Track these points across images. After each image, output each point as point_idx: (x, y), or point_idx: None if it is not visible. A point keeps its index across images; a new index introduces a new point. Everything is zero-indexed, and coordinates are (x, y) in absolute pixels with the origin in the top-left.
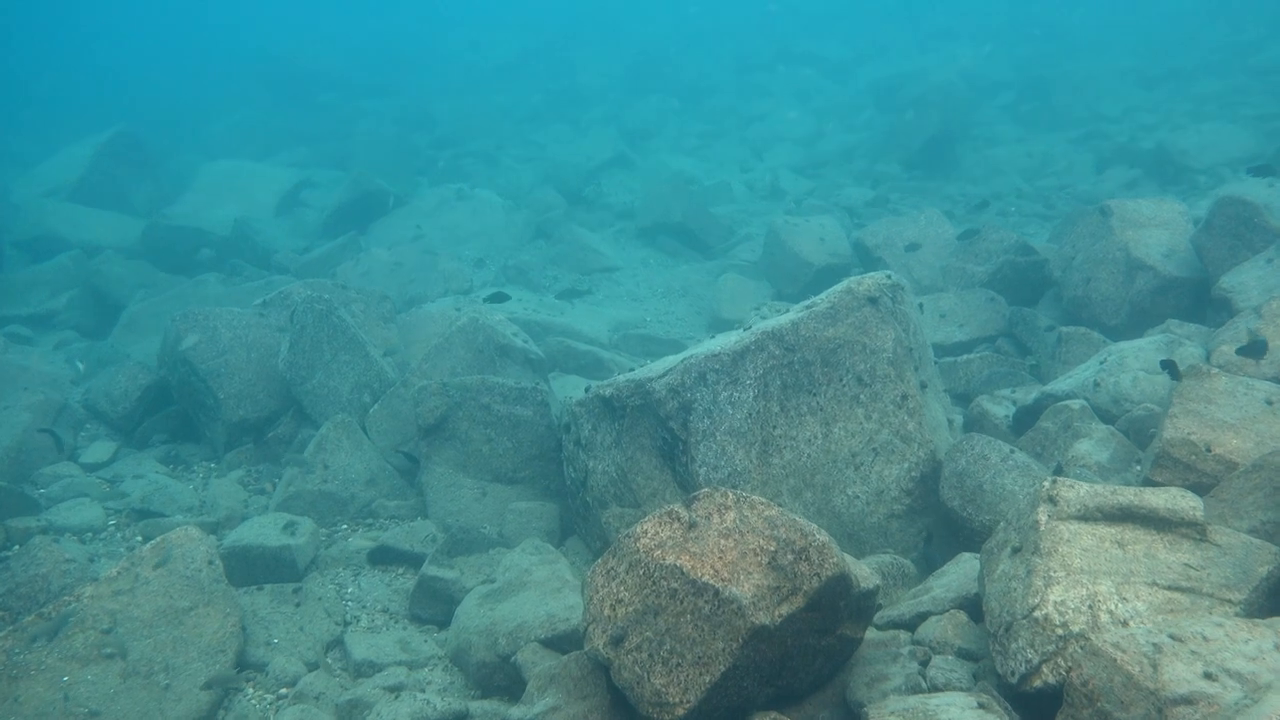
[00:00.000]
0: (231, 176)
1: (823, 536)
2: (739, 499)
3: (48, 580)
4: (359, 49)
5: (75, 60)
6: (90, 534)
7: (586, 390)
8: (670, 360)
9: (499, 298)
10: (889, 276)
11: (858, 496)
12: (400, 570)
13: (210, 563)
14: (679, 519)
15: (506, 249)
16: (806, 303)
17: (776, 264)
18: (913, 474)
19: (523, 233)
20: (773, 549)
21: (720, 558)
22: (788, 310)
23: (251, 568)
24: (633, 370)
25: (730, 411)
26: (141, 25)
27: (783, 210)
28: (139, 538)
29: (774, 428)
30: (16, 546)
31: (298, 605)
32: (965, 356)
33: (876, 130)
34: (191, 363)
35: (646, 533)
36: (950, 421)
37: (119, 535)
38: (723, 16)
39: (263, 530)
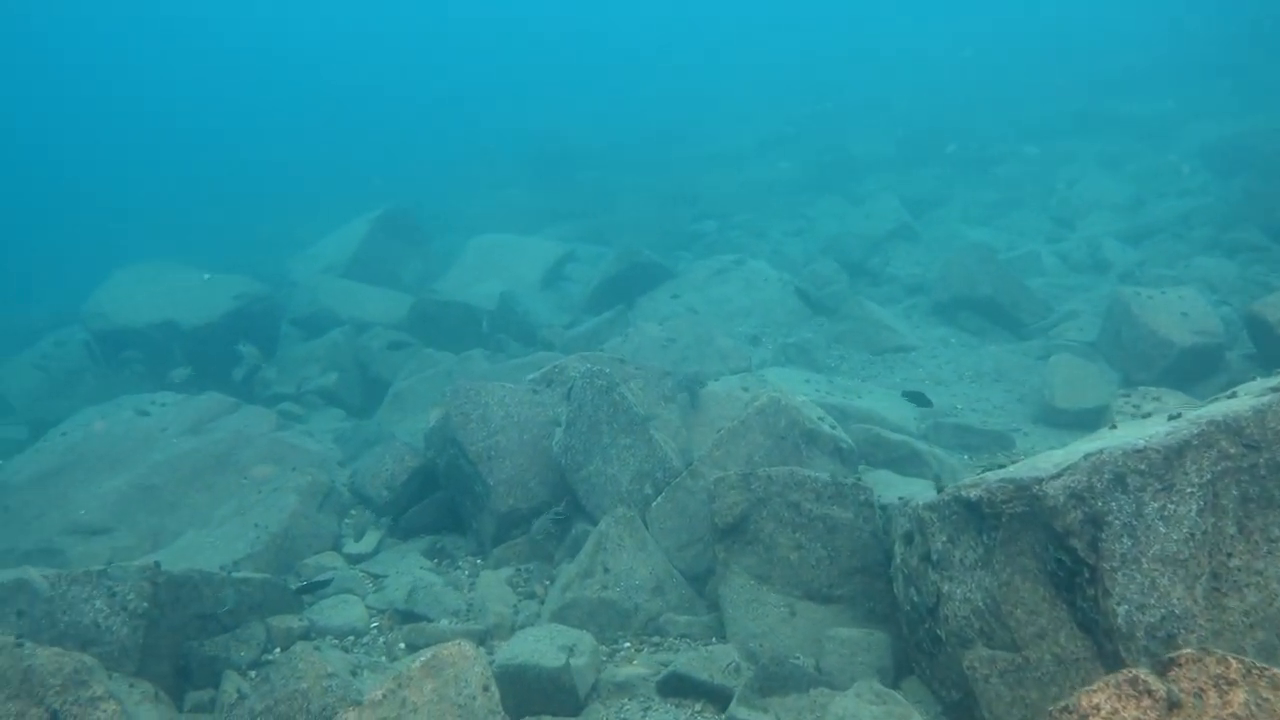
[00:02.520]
0: (497, 250)
1: None
2: (1248, 669)
3: (308, 699)
4: (618, 127)
5: (350, 142)
6: (352, 637)
7: (939, 490)
8: (1058, 456)
9: (919, 399)
10: None
11: None
12: (698, 706)
13: (485, 689)
14: (1149, 693)
15: (784, 325)
16: (1273, 383)
17: (1123, 344)
18: None
19: (801, 308)
20: None
21: None
22: (1159, 397)
23: (526, 692)
24: (1004, 467)
25: (1163, 530)
26: (411, 108)
27: (1109, 284)
28: (402, 644)
29: (1229, 556)
30: (278, 649)
31: None
32: None
33: (1213, 194)
34: (461, 444)
35: (1098, 710)
36: None
37: (381, 641)
38: (1006, 78)
39: (538, 646)
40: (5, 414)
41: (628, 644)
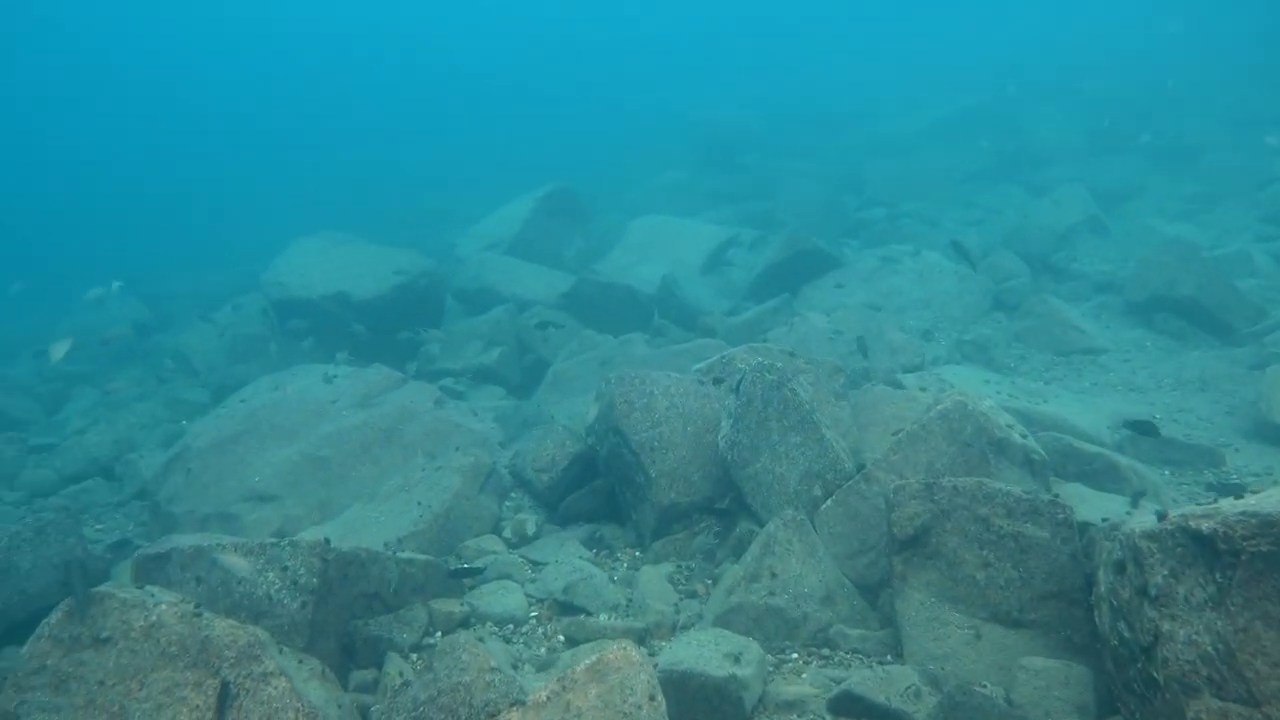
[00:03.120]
0: (659, 232)
1: None
2: None
3: (470, 692)
4: (781, 110)
5: (516, 123)
6: (512, 626)
7: (1160, 518)
8: None
9: (1145, 429)
10: None
11: None
12: None
13: (652, 699)
14: None
15: (958, 320)
16: None
17: None
18: None
19: (978, 303)
20: None
21: None
22: None
23: (688, 701)
24: (1240, 492)
25: None
26: (577, 91)
27: None
28: (560, 637)
29: None
30: (439, 633)
31: None
32: None
33: None
34: (624, 432)
35: None
36: None
37: (540, 631)
38: (1215, 58)
39: (701, 653)
40: (190, 377)
41: (795, 655)
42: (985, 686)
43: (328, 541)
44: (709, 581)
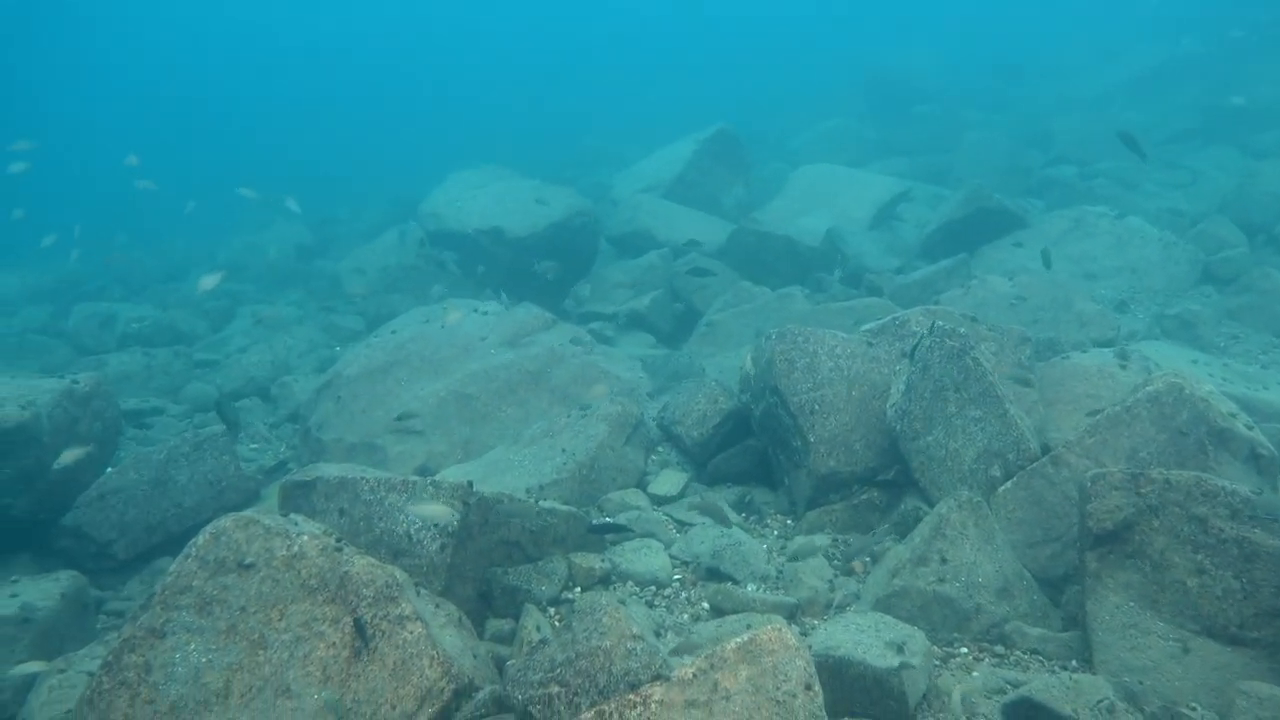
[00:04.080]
0: (824, 182)
1: None
2: None
3: (610, 659)
4: (961, 59)
5: (681, 67)
6: (654, 588)
7: None
8: None
9: None
10: None
11: None
12: None
13: (808, 688)
14: None
15: (1159, 293)
16: None
17: None
18: None
19: (1184, 274)
20: None
21: None
22: None
23: (844, 690)
24: None
25: None
26: (744, 32)
27: None
28: (705, 605)
29: None
30: (578, 589)
31: None
32: None
33: None
34: (782, 393)
35: None
36: None
37: (684, 596)
38: None
39: (861, 638)
40: (345, 305)
41: (964, 650)
42: (1195, 710)
43: (470, 485)
44: (867, 560)
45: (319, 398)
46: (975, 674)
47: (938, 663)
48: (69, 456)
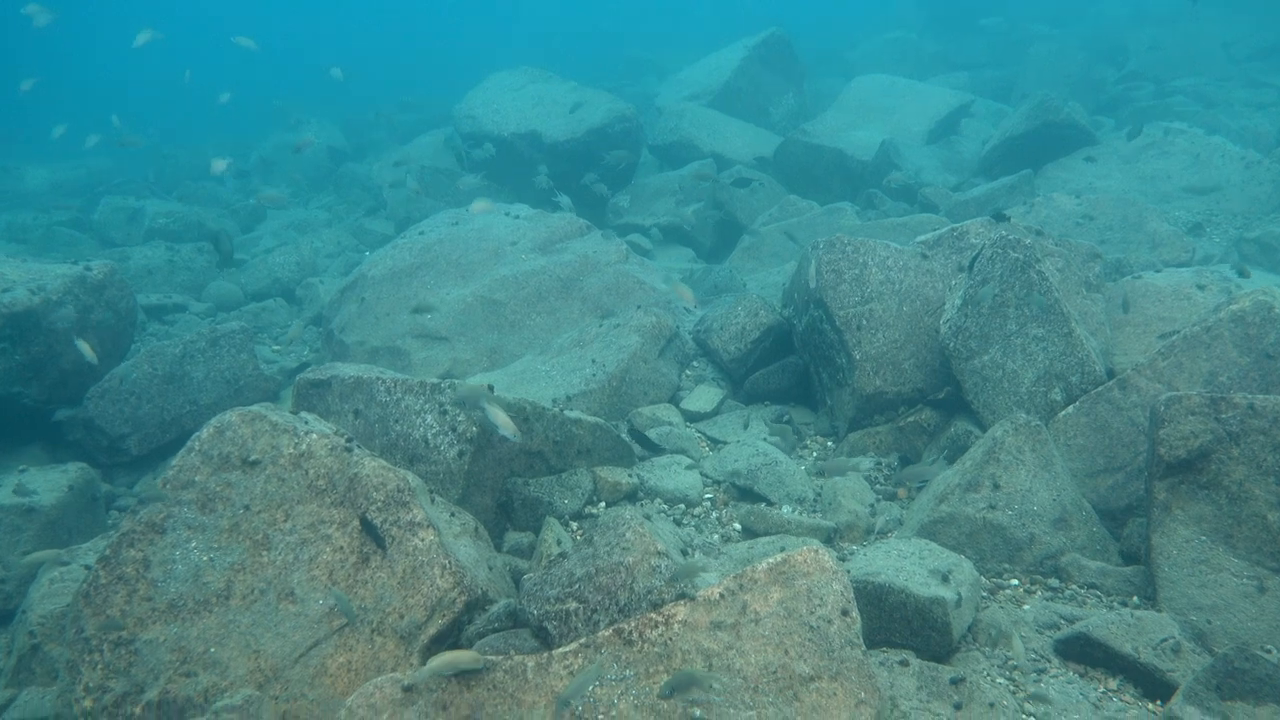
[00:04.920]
0: (881, 94)
1: None
2: None
3: (633, 575)
4: None
5: None
6: (683, 506)
7: None
8: None
9: None
10: None
11: None
12: (1113, 684)
13: (844, 613)
14: None
15: (1238, 215)
16: None
17: None
18: None
19: (1269, 195)
20: None
21: None
22: None
23: (884, 618)
24: None
25: None
26: None
27: None
28: (737, 525)
29: None
30: (603, 504)
31: (957, 708)
32: None
33: None
34: (828, 305)
35: None
36: None
37: (714, 516)
38: None
39: (903, 565)
40: (378, 210)
41: (1015, 582)
42: (1272, 652)
43: (491, 389)
44: (912, 484)
45: (343, 299)
46: (1026, 607)
47: (985, 594)
48: (86, 348)
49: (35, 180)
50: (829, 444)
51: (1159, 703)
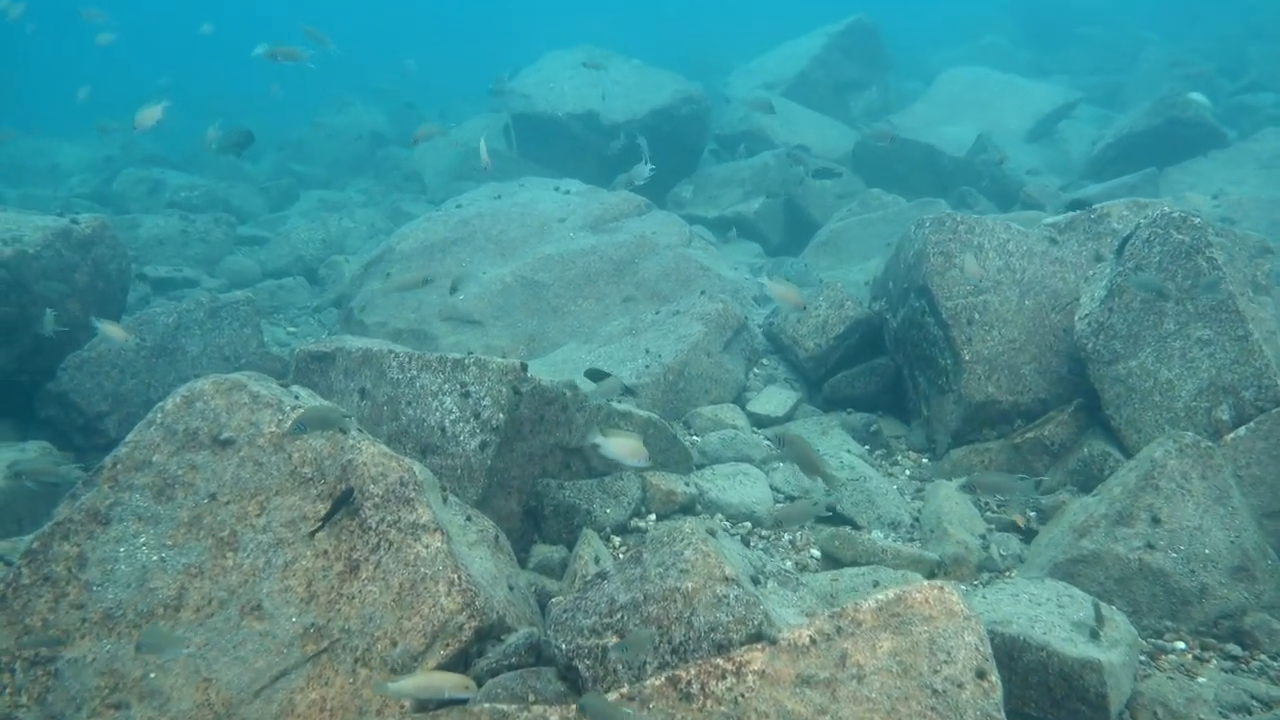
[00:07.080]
0: (976, 87)
1: None
2: None
3: (693, 606)
4: None
5: None
6: (749, 525)
7: None
8: None
9: None
10: None
11: None
12: None
13: (981, 676)
14: None
15: None
16: None
17: None
18: None
19: None
20: None
21: None
22: None
23: (1016, 681)
24: None
25: None
26: None
27: None
28: (815, 552)
29: None
30: (653, 516)
31: None
32: None
33: None
34: (933, 295)
35: None
36: None
37: (787, 539)
38: None
39: (1036, 613)
40: (419, 193)
41: (1181, 645)
42: None
43: (523, 368)
44: (1032, 513)
45: (366, 274)
46: (1202, 680)
47: (1143, 659)
48: (48, 318)
49: (67, 157)
50: (924, 460)
51: None
